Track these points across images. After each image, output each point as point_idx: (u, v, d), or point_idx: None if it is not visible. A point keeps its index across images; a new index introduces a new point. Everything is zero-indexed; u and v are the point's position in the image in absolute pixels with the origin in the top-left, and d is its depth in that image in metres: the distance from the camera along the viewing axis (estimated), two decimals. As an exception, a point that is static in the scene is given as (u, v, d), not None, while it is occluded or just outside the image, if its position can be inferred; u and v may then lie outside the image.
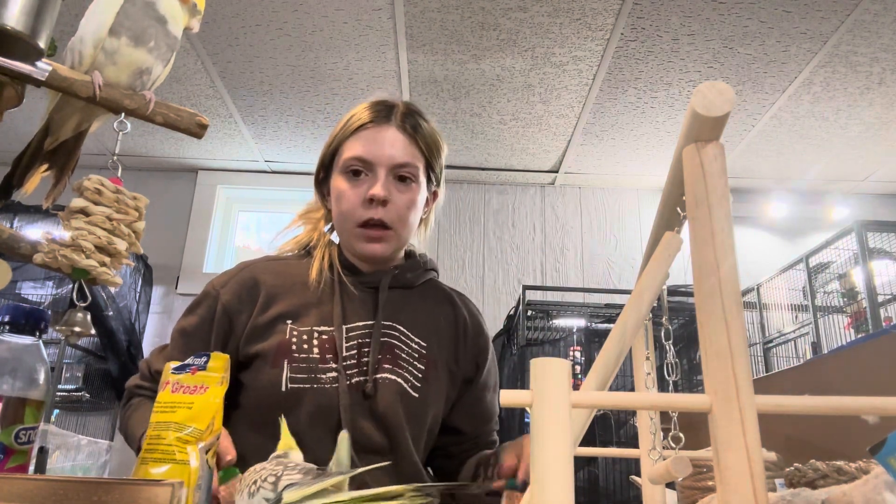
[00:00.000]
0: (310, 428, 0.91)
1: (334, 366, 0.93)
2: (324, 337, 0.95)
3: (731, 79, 2.64)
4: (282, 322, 0.96)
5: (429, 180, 1.06)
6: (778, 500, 0.59)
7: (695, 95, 0.35)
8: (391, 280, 1.02)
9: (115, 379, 2.97)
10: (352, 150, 1.01)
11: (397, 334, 0.99)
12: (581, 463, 2.81)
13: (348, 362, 0.95)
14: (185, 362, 0.70)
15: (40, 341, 0.66)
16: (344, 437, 0.64)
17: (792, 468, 0.75)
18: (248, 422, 0.94)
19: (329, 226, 1.10)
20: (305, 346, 0.94)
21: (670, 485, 0.93)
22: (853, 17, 2.27)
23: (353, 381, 0.94)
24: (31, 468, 0.65)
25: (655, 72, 2.63)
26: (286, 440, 0.66)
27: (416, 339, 1.01)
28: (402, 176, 0.99)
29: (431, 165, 1.05)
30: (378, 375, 0.95)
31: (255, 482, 0.56)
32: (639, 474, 0.70)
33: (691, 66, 2.59)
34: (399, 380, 0.96)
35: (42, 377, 0.64)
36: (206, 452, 0.63)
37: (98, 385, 2.90)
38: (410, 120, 1.03)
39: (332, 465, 0.61)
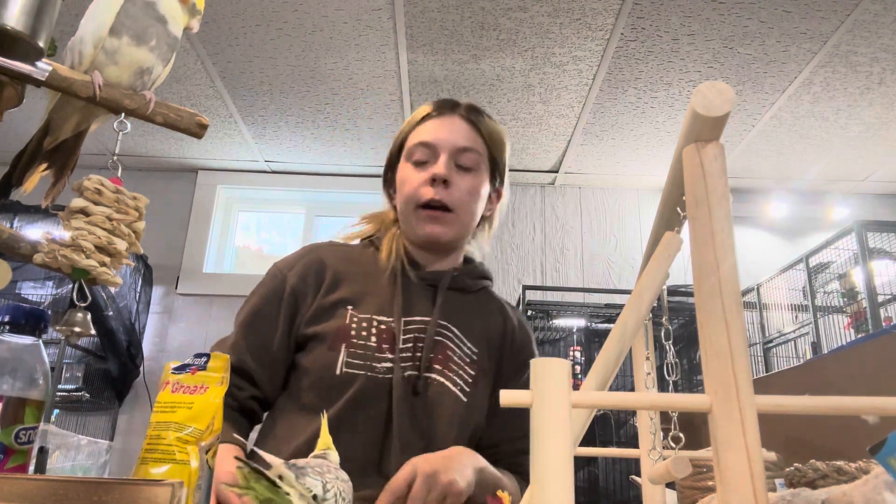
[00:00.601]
0: (355, 414, 0.91)
1: (390, 356, 0.94)
2: (382, 327, 0.96)
3: (731, 79, 2.64)
4: (343, 307, 0.97)
5: (492, 176, 1.07)
6: (778, 500, 0.59)
7: (695, 95, 0.35)
8: (451, 282, 1.03)
9: (115, 379, 2.97)
10: (416, 137, 1.03)
11: (451, 335, 1.00)
12: (581, 463, 2.81)
13: (404, 355, 0.95)
14: (185, 362, 0.70)
15: (40, 341, 0.66)
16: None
17: (792, 468, 0.75)
18: (297, 404, 0.95)
19: (395, 222, 1.10)
20: (364, 333, 0.95)
21: (670, 485, 0.93)
22: (853, 17, 2.27)
23: (406, 374, 0.94)
24: (31, 468, 0.65)
25: (655, 72, 2.63)
26: (325, 438, 0.66)
27: (469, 344, 1.01)
28: (464, 164, 1.01)
29: (494, 158, 1.06)
30: (428, 374, 0.95)
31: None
32: (639, 474, 0.70)
33: (691, 66, 2.59)
34: (448, 382, 0.96)
35: (42, 377, 0.64)
36: (206, 452, 0.63)
37: (98, 385, 2.90)
38: (474, 112, 1.05)
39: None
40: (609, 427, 2.86)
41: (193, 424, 0.64)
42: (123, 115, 0.85)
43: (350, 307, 0.97)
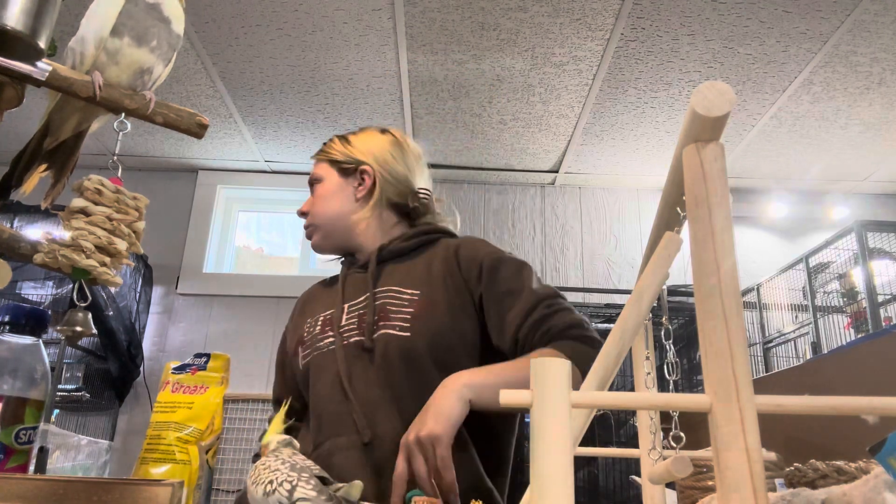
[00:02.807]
0: (321, 394, 1.03)
1: (331, 333, 1.07)
2: (327, 317, 1.11)
3: (731, 79, 2.64)
4: (303, 321, 1.16)
5: (344, 171, 1.20)
6: (778, 500, 0.59)
7: (695, 95, 0.35)
8: (379, 256, 1.13)
9: (115, 379, 2.97)
10: None
11: (391, 294, 1.07)
12: (581, 463, 2.81)
13: (346, 328, 1.06)
14: (185, 362, 0.70)
15: (40, 341, 0.66)
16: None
17: (792, 468, 0.75)
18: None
19: None
20: (311, 329, 1.12)
21: (670, 485, 0.93)
22: (853, 17, 2.27)
23: (353, 340, 1.04)
24: (31, 468, 0.65)
25: (655, 72, 2.63)
26: (275, 425, 0.68)
27: (408, 291, 1.06)
28: (315, 188, 1.21)
29: (335, 160, 1.20)
30: (376, 334, 1.02)
31: (270, 482, 0.57)
32: (639, 474, 0.70)
33: (691, 66, 2.59)
34: (390, 329, 1.02)
35: (42, 377, 0.64)
36: (206, 452, 0.63)
37: (98, 385, 2.90)
38: (322, 149, 1.25)
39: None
40: (609, 427, 2.86)
41: (193, 424, 0.64)
42: (123, 115, 0.85)
43: (309, 319, 1.15)
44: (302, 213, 1.22)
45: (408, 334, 1.01)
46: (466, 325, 1.04)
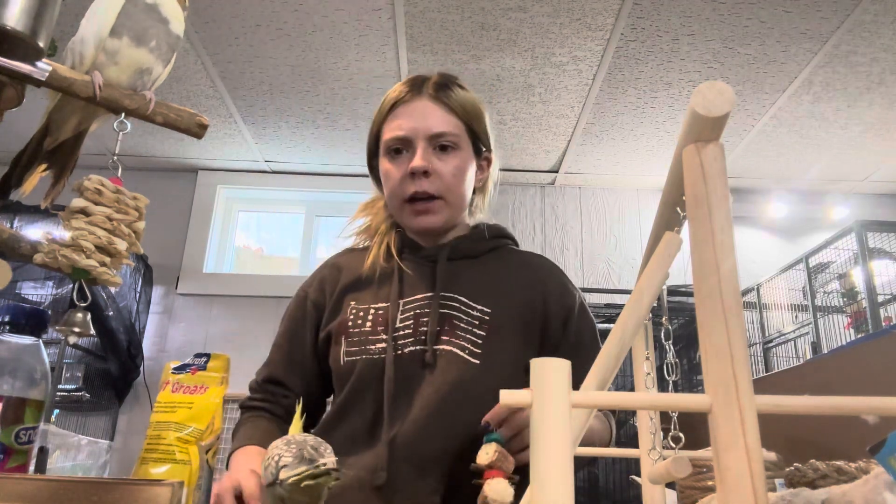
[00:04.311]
0: (358, 398, 0.94)
1: (384, 337, 0.95)
2: (379, 312, 0.98)
3: (731, 79, 2.64)
4: (347, 303, 1.01)
5: (476, 147, 1.05)
6: (778, 500, 0.59)
7: (695, 95, 0.35)
8: (451, 252, 1.02)
9: (115, 379, 2.97)
10: (389, 130, 1.02)
11: (458, 304, 0.98)
12: (581, 463, 2.80)
13: (402, 332, 0.95)
14: (185, 362, 0.70)
15: (40, 341, 0.66)
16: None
17: (792, 468, 0.75)
18: (333, 399, 1.01)
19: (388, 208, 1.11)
20: (360, 322, 0.98)
21: (670, 485, 0.93)
22: (853, 17, 2.27)
23: (408, 350, 0.94)
24: (31, 468, 0.65)
25: (655, 72, 2.63)
26: (296, 425, 0.68)
27: (479, 307, 0.98)
28: (442, 145, 0.99)
29: (474, 130, 1.03)
30: (437, 347, 0.94)
31: (269, 458, 0.61)
32: (639, 474, 0.70)
33: (691, 66, 2.59)
34: (455, 349, 0.93)
35: (42, 377, 0.64)
36: (207, 452, 0.64)
37: (98, 385, 2.90)
38: (443, 89, 1.02)
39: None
40: (609, 427, 2.85)
41: (193, 424, 0.64)
42: (123, 115, 0.85)
43: (353, 301, 1.01)
44: (423, 172, 0.97)
45: (476, 361, 0.93)
46: (528, 362, 0.99)
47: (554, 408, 0.32)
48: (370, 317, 0.98)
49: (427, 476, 0.86)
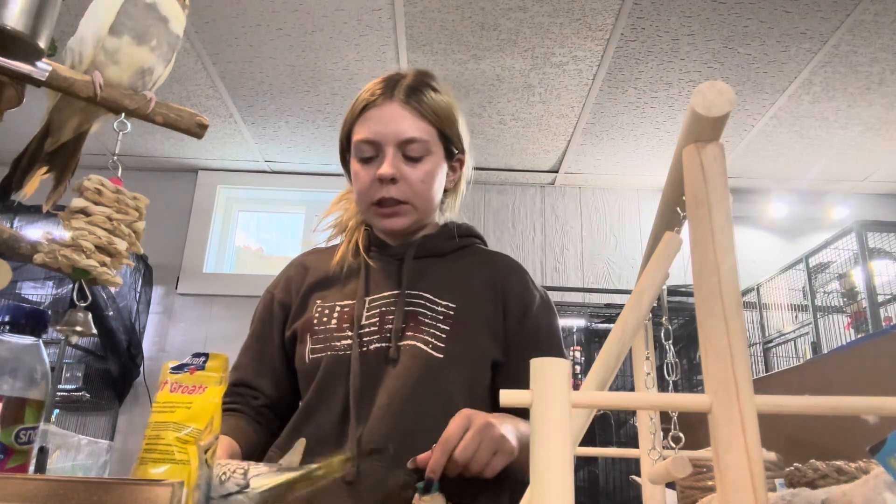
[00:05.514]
0: (324, 394, 0.94)
1: (350, 334, 0.95)
2: (345, 309, 0.99)
3: (731, 79, 2.64)
4: (312, 301, 1.02)
5: (448, 150, 1.04)
6: (778, 500, 0.59)
7: (695, 95, 0.35)
8: (417, 250, 1.03)
9: (115, 379, 2.97)
10: (359, 132, 1.01)
11: (423, 301, 0.98)
12: (581, 463, 2.81)
13: (367, 329, 0.96)
14: (184, 362, 0.70)
15: (40, 341, 0.66)
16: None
17: (792, 468, 0.75)
18: (302, 397, 1.00)
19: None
20: (325, 319, 0.98)
21: (670, 485, 0.93)
22: (853, 17, 2.27)
23: (373, 346, 0.94)
24: (31, 468, 0.65)
25: (655, 72, 2.63)
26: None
27: (444, 303, 0.98)
28: (411, 153, 0.99)
29: (446, 135, 1.02)
30: (402, 343, 0.94)
31: (224, 473, 0.61)
32: (639, 474, 0.70)
33: (691, 66, 2.59)
34: (420, 343, 0.94)
35: (42, 377, 0.64)
36: (206, 452, 0.64)
37: (98, 385, 2.90)
38: (415, 93, 1.00)
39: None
40: (609, 427, 2.86)
41: (192, 424, 0.64)
42: (124, 115, 0.85)
43: (319, 300, 1.02)
44: (391, 179, 0.97)
45: (440, 356, 0.93)
46: (493, 357, 0.99)
47: (554, 408, 0.32)
48: (336, 314, 0.98)
49: (397, 470, 0.86)
